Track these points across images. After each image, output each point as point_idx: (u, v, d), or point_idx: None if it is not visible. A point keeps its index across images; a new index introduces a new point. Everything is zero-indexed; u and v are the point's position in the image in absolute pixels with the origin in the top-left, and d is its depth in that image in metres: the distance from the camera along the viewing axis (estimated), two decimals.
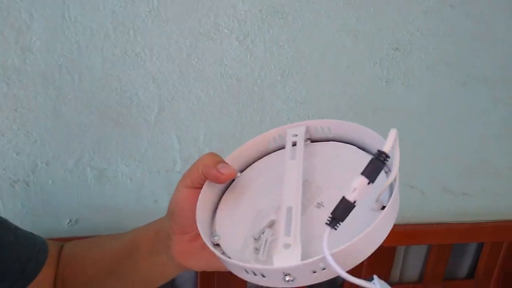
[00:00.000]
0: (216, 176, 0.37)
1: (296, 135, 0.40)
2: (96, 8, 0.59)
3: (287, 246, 0.31)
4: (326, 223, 0.29)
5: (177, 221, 0.41)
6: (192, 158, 0.71)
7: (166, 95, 0.66)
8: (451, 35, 0.69)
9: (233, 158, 0.40)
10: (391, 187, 0.34)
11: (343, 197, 0.29)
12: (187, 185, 0.39)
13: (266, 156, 0.42)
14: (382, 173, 0.34)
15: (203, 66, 0.65)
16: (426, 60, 0.71)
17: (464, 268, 0.97)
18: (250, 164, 0.42)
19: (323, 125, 0.40)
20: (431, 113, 0.74)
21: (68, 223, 0.72)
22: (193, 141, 0.70)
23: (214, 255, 0.35)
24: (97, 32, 0.61)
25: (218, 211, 0.39)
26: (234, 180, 0.41)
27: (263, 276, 0.31)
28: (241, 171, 0.42)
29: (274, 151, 0.42)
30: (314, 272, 0.30)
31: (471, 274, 0.98)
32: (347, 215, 0.29)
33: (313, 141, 0.42)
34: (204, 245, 0.37)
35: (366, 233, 0.29)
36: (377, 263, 0.92)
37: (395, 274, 0.95)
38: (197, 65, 0.65)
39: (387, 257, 0.89)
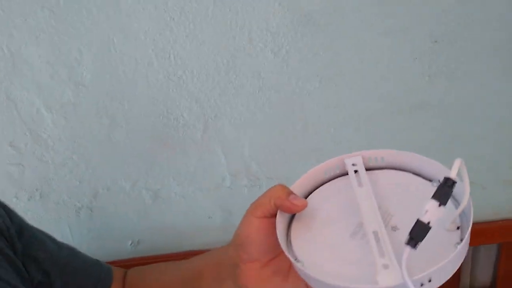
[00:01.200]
0: (290, 208, 0.39)
1: (355, 164, 0.43)
2: (138, 38, 0.64)
3: (385, 266, 0.33)
4: (406, 243, 0.32)
5: (247, 250, 0.42)
6: (239, 172, 0.73)
7: (209, 113, 0.69)
8: (491, 20, 0.67)
9: (295, 188, 0.43)
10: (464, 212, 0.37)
11: (418, 219, 0.32)
12: (258, 215, 0.41)
13: (324, 185, 0.44)
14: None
15: (241, 81, 0.67)
16: (470, 50, 0.68)
17: None
18: (310, 193, 0.44)
19: (377, 155, 0.43)
20: (481, 106, 0.71)
21: (131, 244, 0.76)
22: (239, 156, 0.72)
23: (295, 278, 0.39)
24: (141, 60, 0.65)
25: (292, 239, 0.40)
26: None
27: None
28: (305, 197, 0.44)
29: (329, 180, 0.44)
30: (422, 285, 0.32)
31: None
32: (425, 235, 0.32)
33: (367, 169, 0.43)
34: (275, 271, 0.42)
35: (450, 258, 0.32)
36: None
37: (465, 281, 0.90)
38: (236, 81, 0.67)
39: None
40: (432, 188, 0.39)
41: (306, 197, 0.43)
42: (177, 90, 0.67)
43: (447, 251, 0.33)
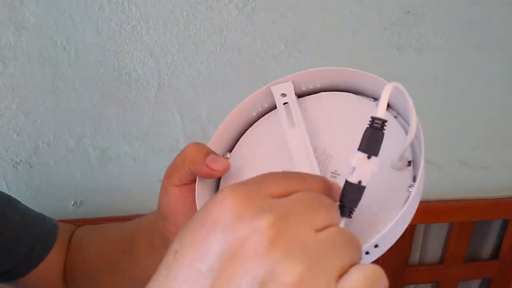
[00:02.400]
0: (208, 173, 0.33)
1: (285, 94, 0.36)
2: None
3: None
4: (340, 215, 0.26)
5: (172, 222, 0.37)
6: (195, 136, 0.69)
7: (165, 69, 0.64)
8: None
9: (217, 139, 0.35)
10: (413, 147, 0.30)
11: (346, 181, 0.26)
12: (175, 183, 0.35)
13: (252, 127, 0.37)
14: (399, 128, 0.31)
15: (201, 37, 0.63)
16: (442, 24, 0.66)
17: (487, 248, 0.93)
18: (237, 140, 0.37)
19: (309, 77, 0.36)
20: (446, 80, 0.69)
21: (73, 205, 0.71)
22: (196, 117, 0.68)
23: None
24: (91, 4, 0.59)
25: None
26: None
27: None
28: (230, 150, 0.37)
29: (259, 118, 0.37)
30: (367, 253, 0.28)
31: (495, 255, 0.93)
32: (359, 199, 0.26)
33: (299, 96, 0.37)
34: None
35: (399, 218, 0.27)
36: (396, 244, 0.88)
37: (415, 255, 0.92)
38: (196, 36, 0.62)
39: (406, 238, 0.85)
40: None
41: (231, 149, 0.37)
42: (131, 41, 0.62)
43: (398, 198, 0.28)
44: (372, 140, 0.25)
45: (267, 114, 0.38)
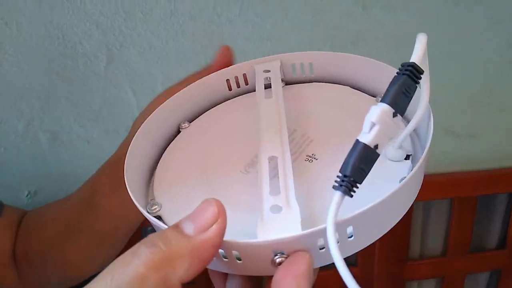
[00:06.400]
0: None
1: (269, 71, 0.31)
2: None
3: (276, 209, 0.21)
4: (335, 187, 0.19)
5: None
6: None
7: (113, 41, 0.60)
8: None
9: (175, 103, 0.31)
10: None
11: (357, 141, 0.19)
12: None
13: (225, 102, 0.33)
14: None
15: (149, 4, 0.59)
16: None
17: (493, 237, 0.85)
18: (202, 113, 0.33)
19: (303, 60, 0.31)
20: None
21: (27, 196, 0.67)
22: (151, 92, 0.63)
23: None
24: None
25: (157, 172, 0.29)
26: (179, 132, 0.32)
27: (238, 260, 0.20)
28: (190, 121, 0.33)
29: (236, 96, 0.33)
30: (321, 249, 0.20)
31: (502, 244, 0.85)
32: (367, 171, 0.19)
33: (288, 83, 0.32)
34: None
35: (391, 194, 0.20)
36: (393, 236, 0.81)
37: (415, 248, 0.84)
38: (143, 3, 0.59)
39: (404, 228, 0.78)
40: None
41: (191, 120, 0.33)
42: (74, 12, 0.58)
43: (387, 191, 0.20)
44: (402, 92, 0.20)
45: (246, 94, 0.33)
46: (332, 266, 0.19)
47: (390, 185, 0.21)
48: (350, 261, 0.84)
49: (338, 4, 0.61)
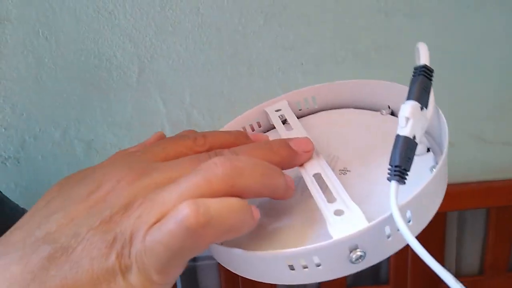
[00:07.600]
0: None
1: (280, 109, 0.33)
2: None
3: (339, 212, 0.23)
4: (389, 178, 0.22)
5: None
6: (180, 122, 0.66)
7: (144, 53, 0.63)
8: None
9: None
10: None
11: (398, 135, 0.23)
12: None
13: None
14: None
15: (178, 17, 0.62)
16: None
17: None
18: None
19: (306, 95, 0.34)
20: (443, 46, 0.64)
21: None
22: (180, 102, 0.66)
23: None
24: None
25: None
26: None
27: (317, 266, 0.21)
28: None
29: None
30: (388, 237, 0.21)
31: None
32: (412, 158, 0.22)
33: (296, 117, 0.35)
34: None
35: (433, 177, 0.22)
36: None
37: (450, 268, 0.81)
38: (172, 17, 0.62)
39: (438, 247, 0.76)
40: (383, 117, 0.31)
41: None
42: (109, 26, 0.62)
43: (422, 180, 0.22)
44: (422, 88, 0.23)
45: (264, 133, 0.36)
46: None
47: (423, 174, 0.24)
48: (382, 279, 0.82)
49: (360, 12, 0.62)
